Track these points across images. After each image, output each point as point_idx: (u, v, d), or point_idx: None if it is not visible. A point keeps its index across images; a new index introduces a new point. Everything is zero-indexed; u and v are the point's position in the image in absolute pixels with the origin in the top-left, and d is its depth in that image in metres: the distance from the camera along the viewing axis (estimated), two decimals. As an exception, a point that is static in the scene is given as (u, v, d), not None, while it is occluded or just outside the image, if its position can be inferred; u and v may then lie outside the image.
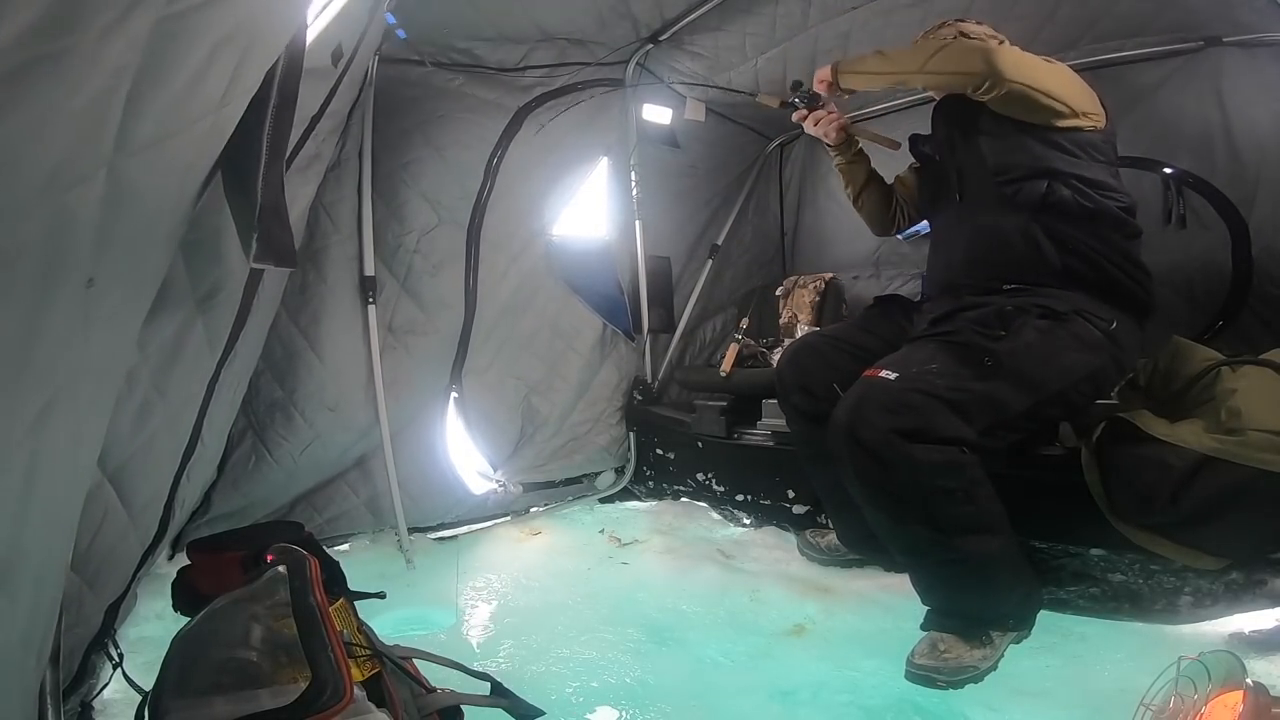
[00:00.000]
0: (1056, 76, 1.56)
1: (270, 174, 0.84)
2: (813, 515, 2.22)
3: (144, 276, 0.72)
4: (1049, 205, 1.56)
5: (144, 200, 0.60)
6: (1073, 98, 1.56)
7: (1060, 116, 1.55)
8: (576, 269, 2.67)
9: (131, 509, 1.17)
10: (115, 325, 0.67)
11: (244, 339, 1.45)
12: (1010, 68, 1.50)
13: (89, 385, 0.65)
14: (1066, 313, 1.49)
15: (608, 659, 1.60)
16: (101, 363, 0.67)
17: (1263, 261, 2.14)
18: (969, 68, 1.54)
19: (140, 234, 0.63)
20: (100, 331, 0.62)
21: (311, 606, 0.88)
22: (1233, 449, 1.34)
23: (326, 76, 1.39)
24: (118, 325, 0.68)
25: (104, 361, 0.67)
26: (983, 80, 1.53)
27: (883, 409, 1.38)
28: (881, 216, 2.08)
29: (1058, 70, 1.59)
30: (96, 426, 0.79)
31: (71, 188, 0.49)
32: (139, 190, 0.58)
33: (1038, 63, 1.56)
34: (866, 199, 2.07)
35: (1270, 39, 2.05)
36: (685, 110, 2.77)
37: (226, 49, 0.62)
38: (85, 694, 1.22)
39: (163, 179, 0.63)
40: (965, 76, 1.56)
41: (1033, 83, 1.52)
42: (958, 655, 1.37)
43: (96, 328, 0.61)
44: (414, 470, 2.25)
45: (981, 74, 1.52)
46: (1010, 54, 1.55)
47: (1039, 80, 1.53)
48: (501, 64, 2.29)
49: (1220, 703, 0.99)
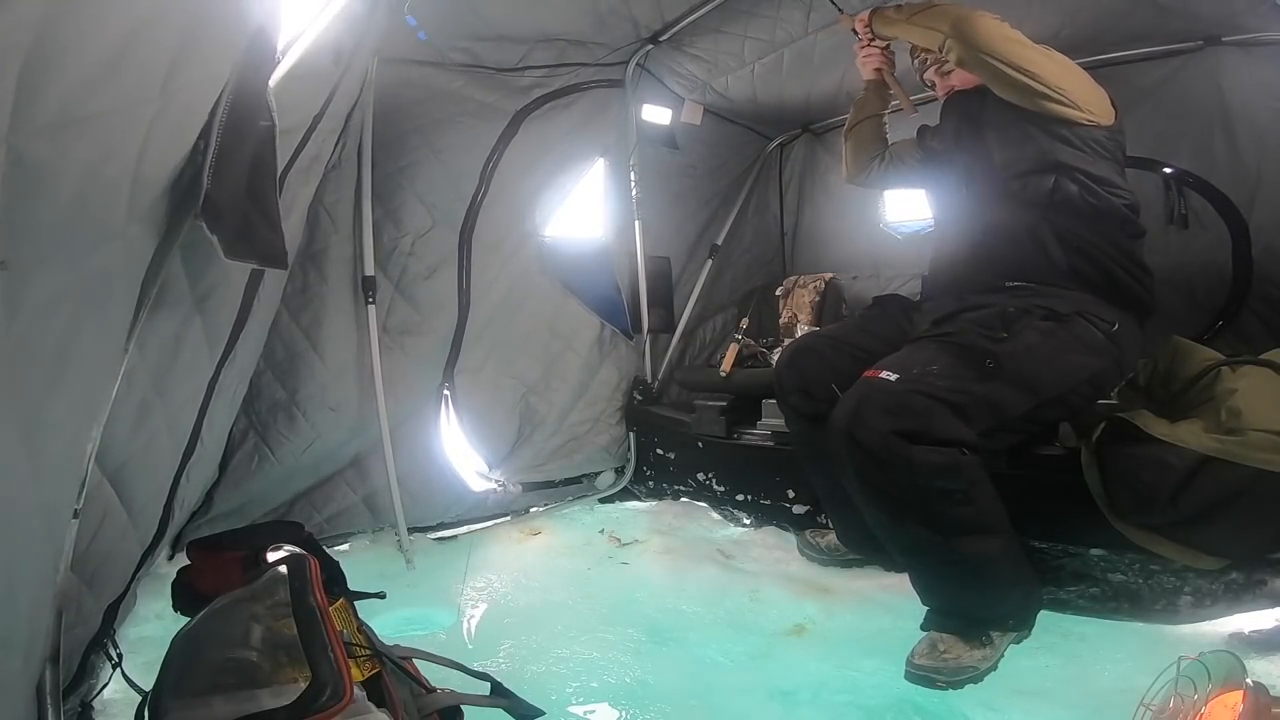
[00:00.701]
0: (1041, 60, 1.54)
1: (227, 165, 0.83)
2: (813, 515, 2.21)
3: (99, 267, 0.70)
4: (1056, 202, 1.55)
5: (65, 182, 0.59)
6: (1061, 84, 1.54)
7: (1045, 99, 1.53)
8: (573, 269, 2.67)
9: (131, 509, 1.17)
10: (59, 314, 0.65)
11: (244, 339, 1.45)
12: (979, 34, 1.51)
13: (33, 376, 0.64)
14: (1069, 314, 1.49)
15: (608, 659, 1.60)
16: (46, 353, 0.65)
17: (1263, 261, 2.14)
18: (938, 25, 1.57)
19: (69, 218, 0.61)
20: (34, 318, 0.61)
21: (311, 606, 0.88)
22: (1233, 449, 1.34)
23: (326, 77, 1.39)
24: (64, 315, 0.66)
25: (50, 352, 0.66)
26: (944, 39, 1.55)
27: (883, 410, 1.38)
28: (861, 155, 2.08)
29: (1046, 55, 1.56)
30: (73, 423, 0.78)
31: None
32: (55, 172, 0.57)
33: (1019, 40, 1.54)
34: (859, 132, 2.07)
35: (1270, 39, 2.05)
36: (683, 112, 2.78)
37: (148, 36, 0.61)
38: (85, 694, 1.22)
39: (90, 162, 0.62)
40: (933, 33, 1.59)
41: (1002, 55, 1.51)
42: (957, 655, 1.37)
43: (26, 314, 0.59)
44: (412, 469, 2.25)
45: (944, 33, 1.54)
46: (986, 22, 1.53)
47: (1011, 55, 1.52)
48: (500, 64, 2.29)
49: (1220, 703, 0.99)
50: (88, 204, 0.63)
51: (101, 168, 0.64)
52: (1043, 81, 1.52)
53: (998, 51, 1.52)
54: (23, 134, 0.52)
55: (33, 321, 0.61)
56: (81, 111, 0.57)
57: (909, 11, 1.70)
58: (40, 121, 0.53)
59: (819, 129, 3.37)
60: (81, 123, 0.58)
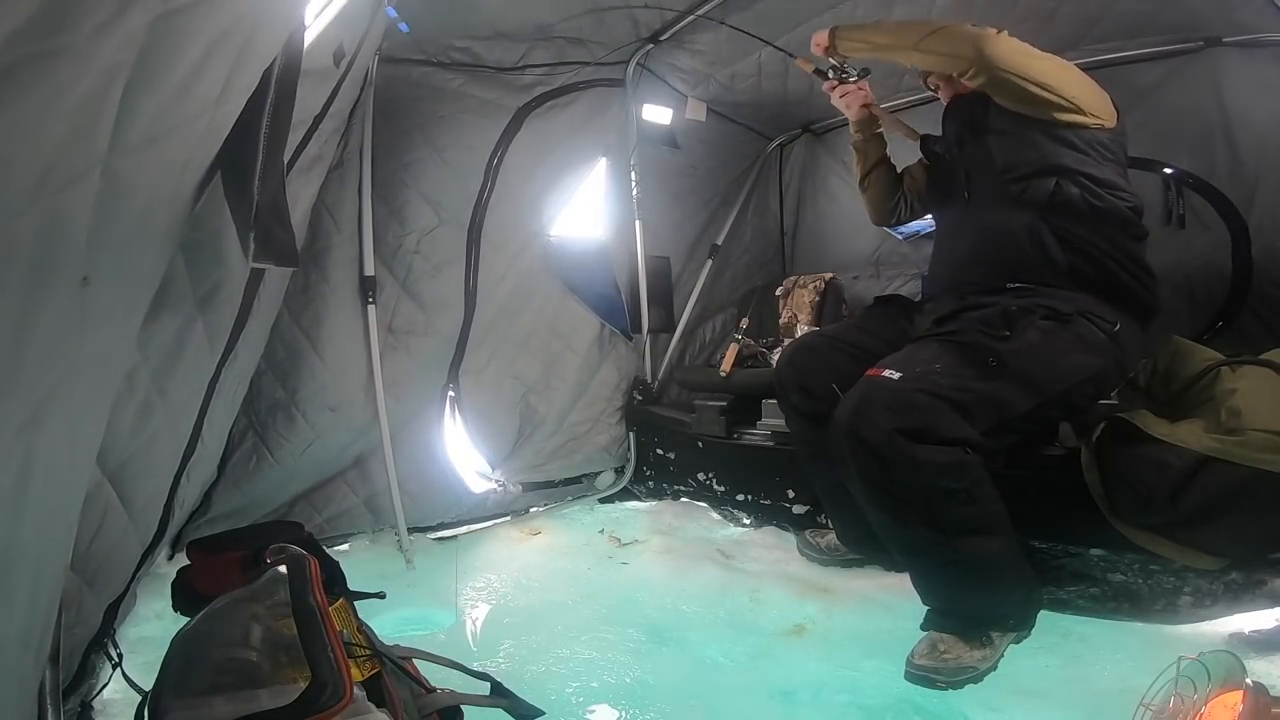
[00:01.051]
0: (1055, 70, 1.56)
1: (268, 172, 0.84)
2: (813, 515, 2.21)
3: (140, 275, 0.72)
4: (1056, 204, 1.55)
5: (138, 199, 0.60)
6: (1073, 92, 1.55)
7: (1059, 109, 1.55)
8: (574, 269, 2.67)
9: (131, 509, 1.17)
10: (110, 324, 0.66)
11: (245, 339, 1.45)
12: (1001, 56, 1.51)
13: (84, 384, 0.65)
14: (1071, 314, 1.49)
15: (607, 659, 1.60)
16: (97, 361, 0.66)
17: (1263, 261, 2.14)
18: (959, 51, 1.56)
19: (135, 233, 0.62)
20: (95, 330, 0.62)
21: (311, 606, 0.88)
22: (1232, 449, 1.34)
23: (328, 77, 1.39)
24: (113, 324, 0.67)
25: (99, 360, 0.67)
26: (969, 65, 1.55)
27: (886, 409, 1.38)
28: (884, 203, 2.08)
29: (1059, 65, 1.58)
30: (93, 426, 0.79)
31: (65, 187, 0.49)
32: (134, 189, 0.58)
33: (1034, 54, 1.55)
34: (873, 181, 2.06)
35: (1270, 39, 2.05)
36: (686, 110, 2.78)
37: (222, 47, 0.62)
38: (85, 694, 1.22)
39: (157, 178, 0.63)
40: (954, 60, 1.58)
41: (1024, 72, 1.52)
42: (957, 655, 1.37)
43: (91, 326, 0.60)
44: (413, 470, 2.25)
45: (970, 59, 1.54)
46: (1005, 43, 1.54)
47: (1031, 71, 1.53)
48: (500, 63, 2.29)
49: (1220, 703, 0.99)
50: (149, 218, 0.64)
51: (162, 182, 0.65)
52: (1063, 93, 1.54)
53: (1024, 71, 1.53)
54: (117, 153, 0.53)
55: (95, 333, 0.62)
56: (161, 129, 0.58)
57: (913, 35, 1.65)
58: (131, 141, 0.54)
59: (819, 129, 3.37)
60: (160, 139, 0.58)
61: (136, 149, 0.55)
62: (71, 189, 0.50)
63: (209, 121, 0.69)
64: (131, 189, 0.57)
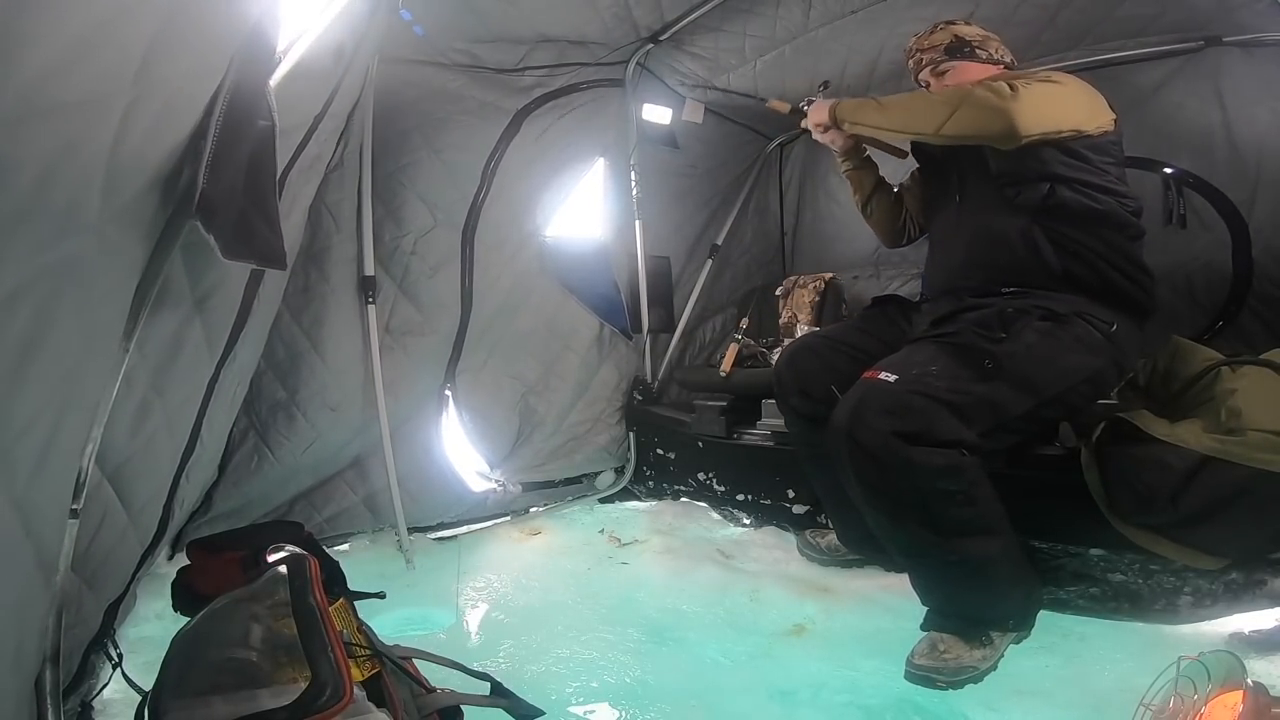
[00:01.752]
0: (1071, 105, 1.54)
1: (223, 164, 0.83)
2: (813, 515, 2.21)
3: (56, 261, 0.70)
4: (1050, 207, 1.55)
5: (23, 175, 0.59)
6: (1086, 119, 1.55)
7: (1063, 139, 1.54)
8: (572, 269, 2.67)
9: (131, 509, 1.17)
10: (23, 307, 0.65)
11: (244, 339, 1.45)
12: (1028, 122, 1.48)
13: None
14: (1067, 314, 1.49)
15: (608, 659, 1.60)
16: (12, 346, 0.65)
17: (1263, 261, 2.14)
18: (987, 130, 1.52)
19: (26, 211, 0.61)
20: None
21: (311, 606, 0.88)
22: (1232, 449, 1.34)
23: (327, 76, 1.39)
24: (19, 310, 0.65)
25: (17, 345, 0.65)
26: (1001, 140, 1.52)
27: (882, 411, 1.38)
28: (891, 226, 2.07)
29: (1070, 95, 1.56)
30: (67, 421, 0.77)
31: None
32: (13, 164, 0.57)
33: (1052, 100, 1.52)
34: (875, 207, 2.05)
35: (1270, 39, 2.05)
36: (684, 111, 2.78)
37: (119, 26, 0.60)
38: (85, 694, 1.22)
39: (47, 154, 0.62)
40: (985, 139, 1.55)
41: (1051, 127, 1.50)
42: (957, 655, 1.37)
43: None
44: (412, 469, 2.25)
45: (1000, 135, 1.51)
46: (1027, 106, 1.48)
47: (1056, 121, 1.51)
48: (501, 64, 2.29)
49: (1220, 703, 0.99)
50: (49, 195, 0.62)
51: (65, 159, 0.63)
52: (1073, 128, 1.53)
53: (1047, 129, 1.50)
54: None
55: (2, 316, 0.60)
56: (44, 103, 0.57)
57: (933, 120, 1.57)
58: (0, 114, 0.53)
59: (819, 129, 3.37)
60: (44, 114, 0.57)
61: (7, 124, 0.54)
62: None
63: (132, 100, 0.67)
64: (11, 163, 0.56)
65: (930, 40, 1.79)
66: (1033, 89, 1.51)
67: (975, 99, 1.52)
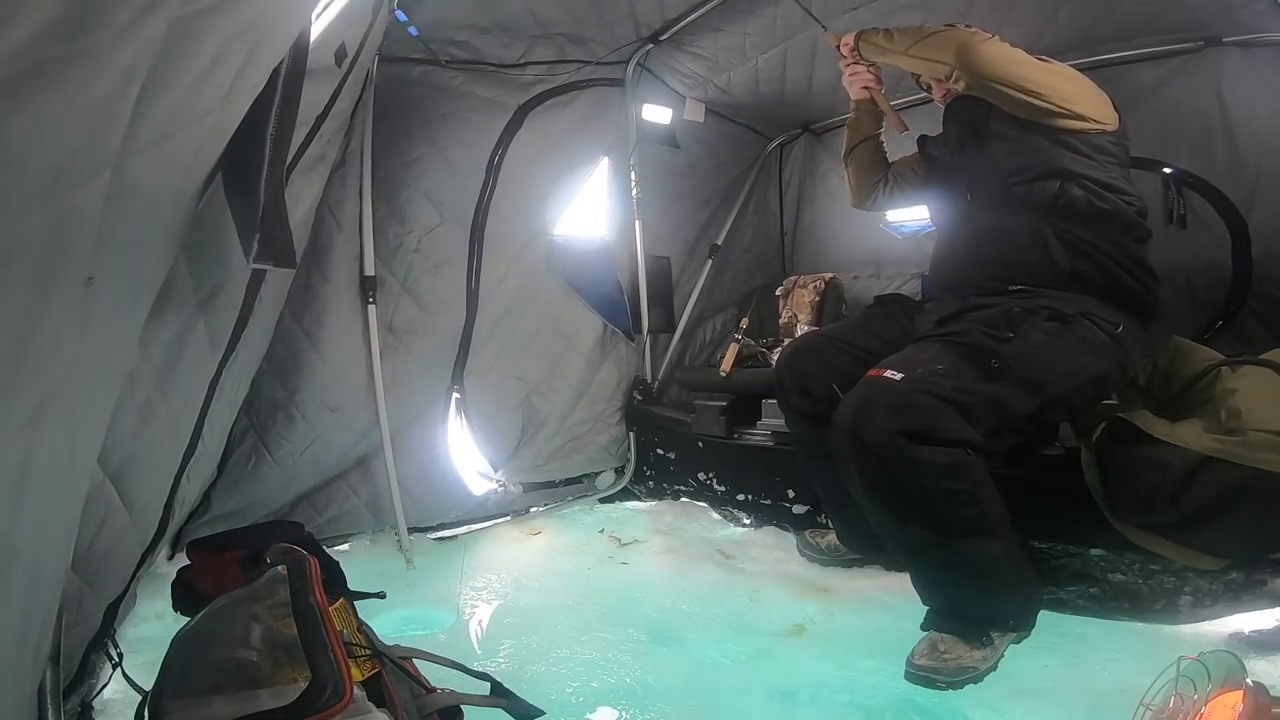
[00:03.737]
0: (1045, 77, 1.55)
1: (272, 174, 0.84)
2: (813, 515, 2.21)
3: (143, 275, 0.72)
4: (1060, 206, 1.55)
5: (145, 198, 0.60)
6: (1067, 98, 1.55)
7: (1053, 115, 1.54)
8: (577, 269, 2.67)
9: (132, 508, 1.17)
10: (112, 324, 0.66)
11: (246, 339, 1.45)
12: (984, 62, 1.52)
13: (85, 385, 0.65)
14: (1074, 315, 1.48)
15: (608, 659, 1.60)
16: (98, 362, 0.66)
17: (1263, 261, 2.14)
18: (941, 57, 1.59)
19: (139, 232, 0.62)
20: (97, 331, 0.62)
21: (311, 606, 0.88)
22: (1233, 449, 1.34)
23: (330, 77, 1.39)
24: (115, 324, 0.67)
25: (100, 361, 0.67)
26: (951, 71, 1.57)
27: (888, 410, 1.37)
28: (865, 180, 2.08)
29: (1050, 72, 1.57)
30: (94, 426, 0.79)
31: (76, 187, 0.49)
32: (141, 188, 0.58)
33: (1023, 61, 1.55)
34: (858, 156, 2.07)
35: (1270, 39, 2.05)
36: (684, 111, 2.78)
37: (234, 47, 0.62)
38: (85, 694, 1.22)
39: (163, 177, 0.63)
40: (937, 65, 1.61)
41: (1008, 79, 1.53)
42: (957, 656, 1.37)
43: (93, 327, 0.60)
44: (415, 470, 2.25)
45: (952, 65, 1.56)
46: (990, 49, 1.55)
47: (1017, 77, 1.53)
48: (501, 59, 2.29)
49: (1220, 703, 0.99)
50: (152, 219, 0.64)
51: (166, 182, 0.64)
52: (1051, 100, 1.54)
53: (1006, 77, 1.54)
54: (128, 154, 0.53)
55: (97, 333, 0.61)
56: (171, 128, 0.58)
57: (905, 41, 1.70)
58: (141, 141, 0.53)
59: (819, 129, 3.38)
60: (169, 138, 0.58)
61: (146, 149, 0.55)
62: (82, 189, 0.49)
63: (215, 121, 0.69)
64: (138, 188, 0.57)
65: None
66: (1011, 49, 1.57)
67: (947, 34, 1.63)
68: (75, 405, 0.64)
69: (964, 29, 1.65)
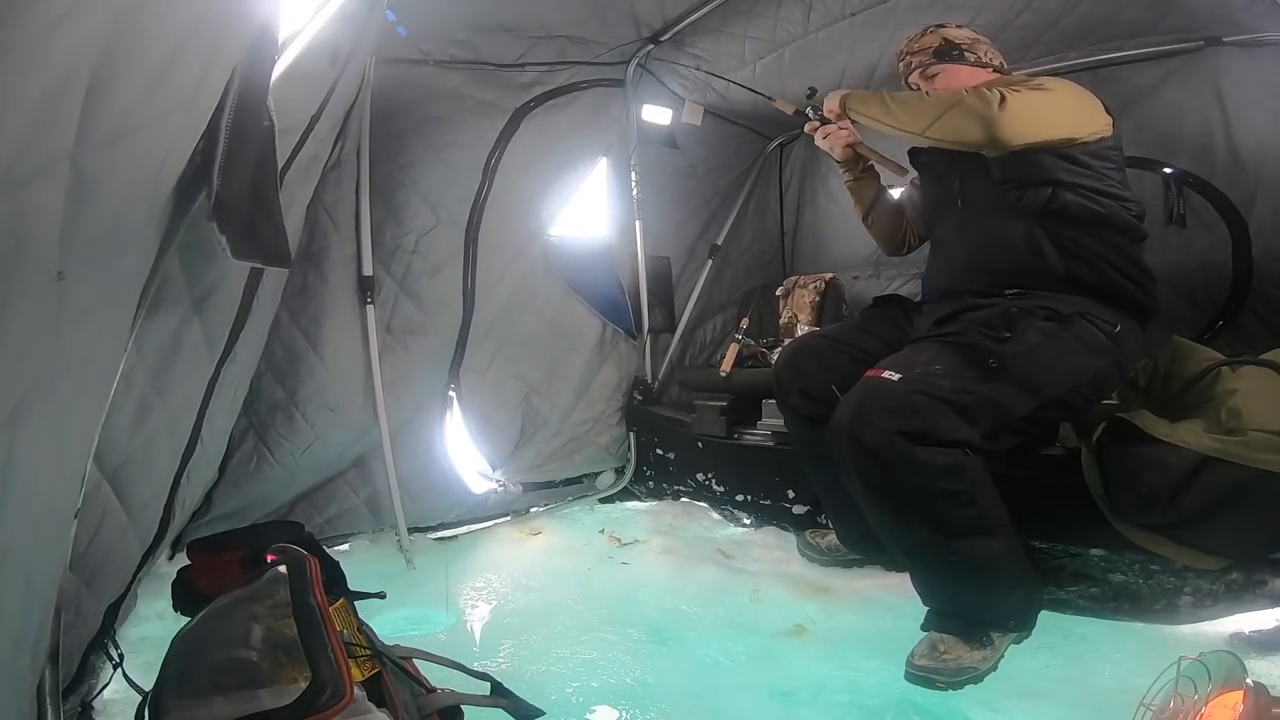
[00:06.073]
0: (1061, 112, 1.54)
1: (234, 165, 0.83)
2: (813, 515, 2.21)
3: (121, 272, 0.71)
4: (1053, 210, 1.55)
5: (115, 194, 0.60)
6: (1077, 125, 1.54)
7: (1058, 145, 1.54)
8: (576, 269, 2.67)
9: (130, 509, 1.17)
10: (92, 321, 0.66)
11: (244, 340, 1.45)
12: (1011, 131, 1.48)
13: (67, 383, 0.64)
14: (1071, 315, 1.48)
15: (608, 659, 1.60)
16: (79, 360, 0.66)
17: (1263, 261, 2.14)
18: (969, 137, 1.52)
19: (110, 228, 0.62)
20: (75, 328, 0.61)
21: (311, 606, 0.88)
22: (1233, 449, 1.34)
23: (324, 78, 1.39)
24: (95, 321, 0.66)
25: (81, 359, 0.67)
26: (983, 148, 1.54)
27: (886, 410, 1.37)
28: (892, 236, 2.08)
29: (1060, 101, 1.55)
30: (85, 425, 0.78)
31: (28, 181, 0.48)
32: (107, 184, 0.57)
33: (1040, 110, 1.52)
34: (876, 218, 2.05)
35: (1270, 39, 2.05)
36: (683, 113, 2.78)
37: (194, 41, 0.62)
38: (85, 694, 1.22)
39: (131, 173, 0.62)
40: (967, 145, 1.55)
41: (1037, 136, 1.51)
42: (958, 656, 1.37)
43: (69, 324, 0.60)
44: (414, 470, 2.25)
45: (981, 143, 1.52)
46: (1012, 114, 1.47)
47: (1043, 130, 1.51)
48: (501, 59, 2.28)
49: (1220, 703, 0.99)
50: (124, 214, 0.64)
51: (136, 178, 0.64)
52: (1065, 136, 1.53)
53: (1033, 138, 1.51)
54: (84, 148, 0.52)
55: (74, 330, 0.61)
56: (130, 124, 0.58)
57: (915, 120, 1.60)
58: (99, 136, 0.53)
59: (819, 129, 3.37)
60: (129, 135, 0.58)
61: (105, 144, 0.55)
62: (36, 182, 0.49)
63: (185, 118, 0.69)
64: (103, 184, 0.57)
65: (920, 43, 1.79)
66: (1022, 98, 1.50)
67: (964, 105, 1.52)
68: (58, 404, 0.64)
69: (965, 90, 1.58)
